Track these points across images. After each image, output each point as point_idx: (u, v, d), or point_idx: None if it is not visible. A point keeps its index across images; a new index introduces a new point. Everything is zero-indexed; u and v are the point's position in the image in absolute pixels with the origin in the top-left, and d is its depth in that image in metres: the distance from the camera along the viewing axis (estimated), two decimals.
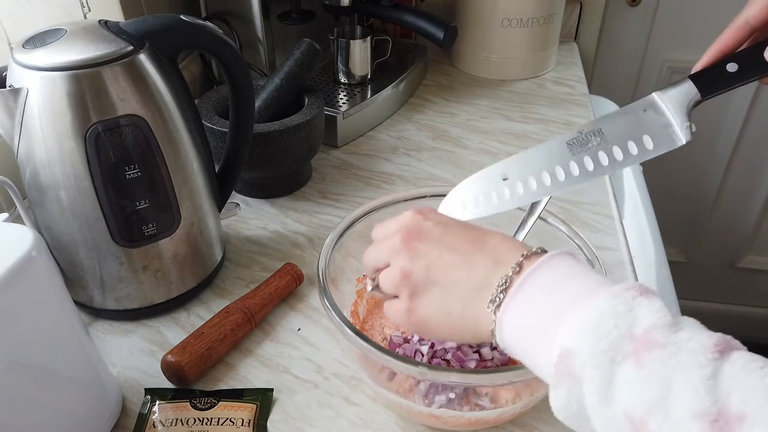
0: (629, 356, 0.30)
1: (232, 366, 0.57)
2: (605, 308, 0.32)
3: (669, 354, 0.29)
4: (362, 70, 1.00)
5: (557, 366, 0.33)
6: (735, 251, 1.64)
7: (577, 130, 0.48)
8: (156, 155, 0.55)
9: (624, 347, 0.30)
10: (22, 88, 0.50)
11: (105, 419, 0.50)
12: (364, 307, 0.60)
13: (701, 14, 1.30)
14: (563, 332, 0.33)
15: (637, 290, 0.32)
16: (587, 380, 0.31)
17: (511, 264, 0.37)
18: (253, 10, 0.93)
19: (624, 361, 0.30)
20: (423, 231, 0.41)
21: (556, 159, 0.48)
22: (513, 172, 0.49)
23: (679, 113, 0.46)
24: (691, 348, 0.29)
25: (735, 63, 0.45)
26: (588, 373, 0.31)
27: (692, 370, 0.28)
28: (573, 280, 0.35)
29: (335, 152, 0.92)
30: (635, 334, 0.31)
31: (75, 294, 0.60)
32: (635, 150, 0.47)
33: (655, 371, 0.29)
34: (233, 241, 0.73)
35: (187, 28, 0.57)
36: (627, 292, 0.32)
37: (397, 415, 0.53)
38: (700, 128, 1.39)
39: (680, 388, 0.28)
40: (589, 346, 0.31)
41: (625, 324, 0.31)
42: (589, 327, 0.32)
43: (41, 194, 0.55)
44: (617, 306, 0.32)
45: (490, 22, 1.09)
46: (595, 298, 0.33)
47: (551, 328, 0.34)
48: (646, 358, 0.30)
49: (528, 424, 0.51)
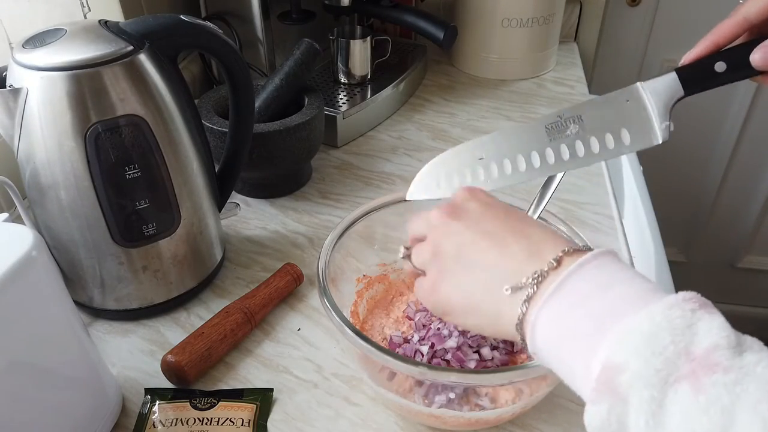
0: (686, 378, 0.27)
1: (232, 366, 0.57)
2: (660, 320, 0.29)
3: (733, 380, 0.26)
4: (362, 70, 1.00)
5: (599, 380, 0.29)
6: (735, 251, 1.64)
7: (557, 114, 0.46)
8: (156, 155, 0.55)
9: (680, 367, 0.27)
10: (22, 88, 0.50)
11: (105, 419, 0.50)
12: (364, 307, 0.60)
13: (701, 14, 1.30)
14: (609, 343, 0.30)
15: (697, 303, 0.30)
16: (635, 401, 0.28)
17: (549, 258, 0.35)
18: (253, 10, 0.93)
19: (678, 384, 0.27)
20: (464, 210, 0.41)
21: (533, 144, 0.46)
22: (489, 152, 0.47)
23: (659, 111, 0.45)
24: (758, 374, 0.26)
25: (723, 62, 0.44)
26: (636, 393, 0.28)
27: (761, 400, 0.25)
28: (621, 284, 0.32)
29: (335, 152, 0.92)
30: (694, 353, 0.28)
31: (75, 294, 0.60)
32: (612, 144, 0.45)
33: (716, 398, 0.26)
34: (233, 241, 0.73)
35: (187, 28, 0.57)
36: (685, 304, 0.29)
37: (397, 415, 0.53)
38: (701, 128, 1.38)
39: (745, 418, 0.25)
40: (640, 362, 0.28)
41: (684, 341, 0.28)
42: (640, 340, 0.29)
43: (41, 194, 0.55)
44: (674, 319, 0.29)
45: (490, 22, 1.09)
46: (648, 307, 0.30)
47: (594, 337, 0.31)
48: (707, 382, 0.27)
49: (528, 424, 0.51)
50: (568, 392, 0.53)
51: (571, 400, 0.53)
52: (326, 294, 0.49)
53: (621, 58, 1.39)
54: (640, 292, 0.31)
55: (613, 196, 0.81)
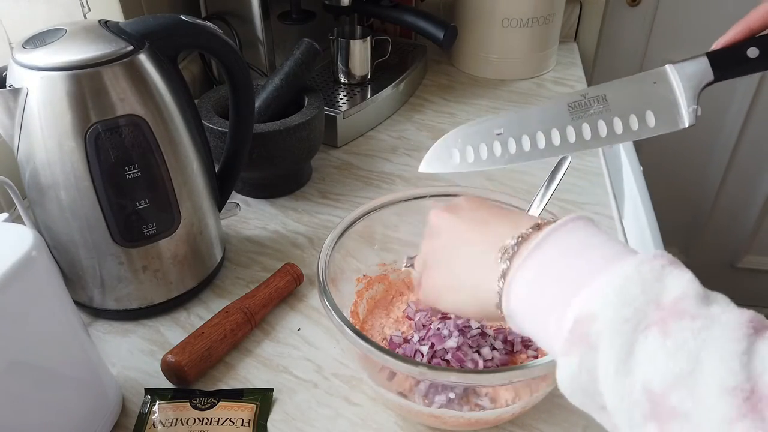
0: (655, 324, 0.28)
1: (232, 366, 0.57)
2: (632, 273, 0.30)
3: (700, 326, 0.27)
4: (362, 70, 1.00)
5: (572, 331, 0.30)
6: (735, 251, 1.65)
7: (581, 93, 0.45)
8: (156, 155, 0.55)
9: (649, 315, 0.28)
10: (22, 88, 0.50)
11: (105, 419, 0.50)
12: (364, 307, 0.60)
13: (701, 14, 1.30)
14: (582, 296, 0.31)
15: (666, 260, 0.30)
16: (604, 347, 0.29)
17: (528, 226, 0.35)
18: (253, 10, 0.93)
19: (648, 330, 0.28)
20: (455, 206, 0.42)
21: (555, 121, 0.46)
22: (508, 128, 0.46)
23: (687, 93, 0.44)
24: (724, 322, 0.27)
25: (756, 48, 0.42)
26: (606, 340, 0.29)
27: (725, 345, 0.26)
28: (597, 245, 0.33)
29: (335, 152, 0.92)
30: (663, 303, 0.29)
31: (75, 294, 0.60)
32: (636, 125, 0.44)
33: (683, 342, 0.27)
34: (233, 241, 0.73)
35: (187, 28, 0.57)
36: (655, 260, 0.30)
37: (397, 415, 0.53)
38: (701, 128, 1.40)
39: (711, 361, 0.26)
40: (611, 311, 0.29)
41: (653, 291, 0.29)
42: (611, 291, 0.29)
43: (41, 194, 0.55)
44: (645, 273, 0.29)
45: (490, 22, 1.09)
46: (619, 263, 0.31)
47: (567, 293, 0.32)
48: (674, 327, 0.28)
49: (528, 424, 0.51)
50: None
51: None
52: (326, 294, 0.49)
53: (621, 58, 1.39)
54: (615, 253, 0.32)
55: (613, 196, 0.81)
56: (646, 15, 1.33)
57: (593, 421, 0.32)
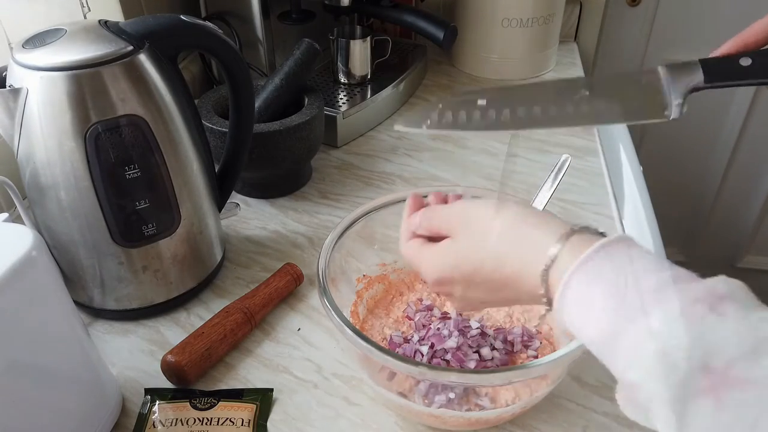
0: (705, 394, 0.27)
1: (232, 366, 0.57)
2: (667, 334, 0.28)
3: (755, 396, 0.26)
4: (362, 70, 1.00)
5: (619, 392, 0.31)
6: (735, 251, 1.64)
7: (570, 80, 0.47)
8: (156, 155, 0.55)
9: (699, 381, 0.27)
10: (22, 88, 0.50)
11: (105, 419, 0.50)
12: (364, 307, 0.60)
13: (701, 14, 1.30)
14: (621, 355, 0.30)
15: (707, 305, 0.29)
16: (657, 416, 0.29)
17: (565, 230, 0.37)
18: (253, 10, 0.93)
19: (699, 398, 0.27)
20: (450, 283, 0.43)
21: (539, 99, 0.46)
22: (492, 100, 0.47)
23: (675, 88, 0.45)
24: None
25: (749, 58, 0.44)
26: (656, 409, 0.29)
27: None
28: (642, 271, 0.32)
29: (335, 152, 0.92)
30: (710, 367, 0.27)
31: (75, 294, 0.60)
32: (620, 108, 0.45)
33: (738, 418, 0.26)
34: (233, 241, 0.73)
35: (187, 28, 0.57)
36: (693, 308, 0.29)
37: (397, 415, 0.53)
38: (701, 128, 1.38)
39: None
40: (653, 382, 0.28)
41: (697, 355, 0.28)
42: (652, 359, 0.28)
43: (41, 194, 0.55)
44: (681, 335, 0.28)
45: (490, 22, 1.09)
46: (651, 315, 0.30)
47: (611, 339, 0.31)
48: (728, 399, 0.26)
49: (528, 424, 0.51)
50: (568, 392, 0.53)
51: (570, 400, 0.53)
52: (326, 294, 0.49)
53: (621, 58, 1.39)
54: (647, 292, 0.31)
55: (613, 196, 0.81)
56: (646, 15, 1.33)
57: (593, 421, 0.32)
